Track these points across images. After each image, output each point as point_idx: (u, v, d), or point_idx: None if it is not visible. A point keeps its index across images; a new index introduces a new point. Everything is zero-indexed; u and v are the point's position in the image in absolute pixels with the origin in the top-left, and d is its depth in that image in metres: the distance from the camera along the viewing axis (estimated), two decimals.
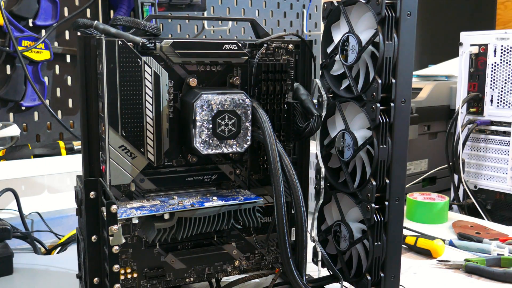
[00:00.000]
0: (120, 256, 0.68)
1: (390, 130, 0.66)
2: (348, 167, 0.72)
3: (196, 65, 0.69)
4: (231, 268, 0.76)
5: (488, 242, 0.99)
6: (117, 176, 0.65)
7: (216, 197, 0.69)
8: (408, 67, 0.64)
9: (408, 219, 1.17)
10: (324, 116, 0.74)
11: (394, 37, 0.63)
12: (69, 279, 0.82)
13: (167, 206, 0.66)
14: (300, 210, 0.65)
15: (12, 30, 1.12)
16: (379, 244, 0.68)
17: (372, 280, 0.69)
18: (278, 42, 0.73)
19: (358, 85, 0.68)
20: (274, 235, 0.77)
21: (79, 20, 0.66)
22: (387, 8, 0.63)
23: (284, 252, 0.65)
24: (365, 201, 0.68)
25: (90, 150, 0.66)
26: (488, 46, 1.39)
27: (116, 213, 0.60)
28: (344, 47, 0.69)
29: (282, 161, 0.65)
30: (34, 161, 1.13)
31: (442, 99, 1.67)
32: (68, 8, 1.24)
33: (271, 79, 0.72)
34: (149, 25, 0.67)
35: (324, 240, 0.78)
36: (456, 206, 1.45)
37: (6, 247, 0.88)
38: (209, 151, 0.65)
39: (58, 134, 1.26)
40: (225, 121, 0.65)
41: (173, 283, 0.72)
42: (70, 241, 0.99)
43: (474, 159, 1.45)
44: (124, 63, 0.63)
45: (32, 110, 1.22)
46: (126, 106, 0.64)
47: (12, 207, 1.07)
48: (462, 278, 0.87)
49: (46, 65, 1.23)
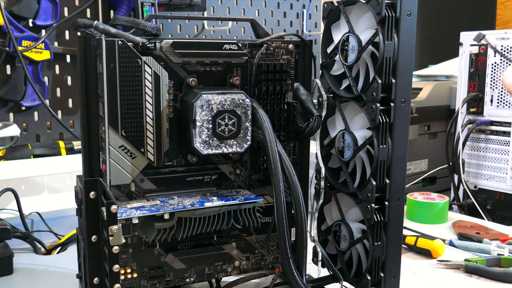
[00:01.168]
0: (120, 256, 0.68)
1: (390, 130, 0.66)
2: (348, 167, 0.72)
3: (196, 65, 0.69)
4: (231, 268, 0.76)
5: (488, 242, 0.99)
6: (117, 176, 0.65)
7: (216, 197, 0.69)
8: (408, 67, 0.64)
9: (408, 219, 1.17)
10: (324, 116, 0.74)
11: (394, 37, 0.63)
12: (69, 279, 0.82)
13: (167, 206, 0.66)
14: (300, 210, 0.65)
15: (12, 30, 1.12)
16: (379, 244, 0.68)
17: (372, 280, 0.69)
18: (278, 42, 0.73)
19: (358, 85, 0.68)
20: (274, 235, 0.77)
21: (79, 20, 0.66)
22: (387, 8, 0.63)
23: (284, 252, 0.64)
24: (365, 201, 0.68)
25: (90, 150, 0.66)
26: (488, 46, 1.39)
27: (116, 213, 0.60)
28: (344, 47, 0.69)
29: (282, 161, 0.65)
30: (34, 161, 1.13)
31: (442, 99, 1.67)
32: (68, 8, 1.24)
33: (271, 79, 0.72)
34: (149, 25, 0.67)
35: (324, 240, 0.78)
36: (456, 206, 1.45)
37: (6, 247, 0.88)
38: (209, 151, 0.65)
39: (58, 134, 1.26)
40: (225, 121, 0.65)
41: (173, 283, 0.72)
42: (70, 241, 0.98)
43: (474, 159, 1.45)
44: (124, 63, 0.63)
45: (32, 110, 1.22)
46: (126, 106, 0.64)
47: (12, 207, 1.07)
48: (462, 278, 0.87)
49: (46, 65, 1.23)
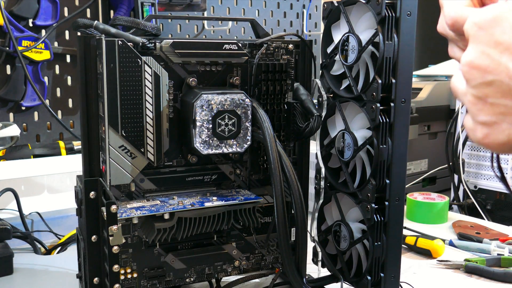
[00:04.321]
0: (120, 256, 0.68)
1: (390, 130, 0.66)
2: (348, 167, 0.72)
3: (196, 65, 0.69)
4: (231, 268, 0.76)
5: (488, 242, 0.99)
6: (117, 176, 0.65)
7: (216, 197, 0.69)
8: (408, 67, 0.64)
9: (408, 219, 1.17)
10: (324, 116, 0.74)
11: (394, 37, 0.63)
12: (69, 279, 0.82)
13: (167, 206, 0.66)
14: (300, 210, 0.65)
15: (12, 30, 1.12)
16: (379, 244, 0.68)
17: (372, 280, 0.69)
18: (278, 42, 0.73)
19: (358, 85, 0.68)
20: (274, 235, 0.77)
21: (79, 20, 0.66)
22: (387, 8, 0.63)
23: (284, 252, 0.64)
24: (365, 201, 0.68)
25: (90, 150, 0.66)
26: None
27: (116, 213, 0.60)
28: (344, 47, 0.69)
29: (282, 161, 0.65)
30: (34, 161, 1.13)
31: (442, 99, 1.67)
32: (68, 8, 1.24)
33: (271, 79, 0.72)
34: (149, 25, 0.67)
35: (324, 240, 0.78)
36: (456, 206, 1.45)
37: (6, 247, 0.88)
38: (209, 151, 0.65)
39: (58, 134, 1.26)
40: (225, 121, 0.65)
41: (173, 283, 0.72)
42: (70, 241, 0.98)
43: (474, 159, 1.45)
44: (124, 63, 0.63)
45: (32, 110, 1.22)
46: (126, 106, 0.64)
47: (12, 207, 1.07)
48: (462, 278, 0.87)
49: (46, 65, 1.22)
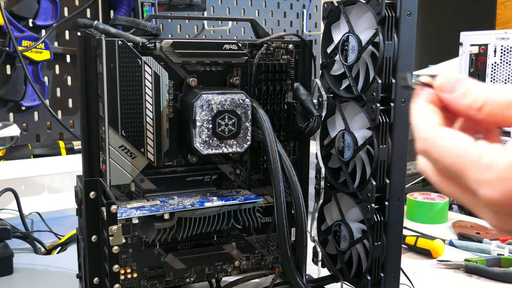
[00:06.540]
0: (120, 256, 0.68)
1: (390, 130, 0.66)
2: (348, 167, 0.72)
3: (196, 65, 0.69)
4: (231, 268, 0.76)
5: (488, 242, 0.99)
6: (117, 176, 0.65)
7: (216, 197, 0.69)
8: (408, 67, 0.64)
9: (408, 219, 1.17)
10: (324, 116, 0.74)
11: (394, 37, 0.63)
12: (69, 279, 0.82)
13: (167, 206, 0.66)
14: (300, 210, 0.65)
15: (12, 30, 1.12)
16: (379, 244, 0.68)
17: (372, 280, 0.69)
18: (278, 42, 0.73)
19: (358, 85, 0.68)
20: (274, 235, 0.77)
21: (79, 20, 0.66)
22: (387, 8, 0.63)
23: (284, 252, 0.64)
24: (365, 201, 0.68)
25: (90, 150, 0.66)
26: (488, 46, 1.39)
27: (116, 213, 0.60)
28: (344, 47, 0.69)
29: (282, 161, 0.65)
30: (34, 161, 1.13)
31: None
32: (68, 8, 1.24)
33: (271, 79, 0.72)
34: (149, 25, 0.67)
35: (324, 240, 0.78)
36: (456, 206, 1.45)
37: (6, 247, 0.88)
38: (209, 151, 0.65)
39: (58, 134, 1.26)
40: (225, 121, 0.65)
41: (173, 283, 0.72)
42: (70, 241, 0.98)
43: None
44: (124, 63, 0.63)
45: (32, 110, 1.22)
46: (126, 106, 0.64)
47: (12, 207, 1.07)
48: (462, 278, 0.87)
49: (46, 65, 1.22)
